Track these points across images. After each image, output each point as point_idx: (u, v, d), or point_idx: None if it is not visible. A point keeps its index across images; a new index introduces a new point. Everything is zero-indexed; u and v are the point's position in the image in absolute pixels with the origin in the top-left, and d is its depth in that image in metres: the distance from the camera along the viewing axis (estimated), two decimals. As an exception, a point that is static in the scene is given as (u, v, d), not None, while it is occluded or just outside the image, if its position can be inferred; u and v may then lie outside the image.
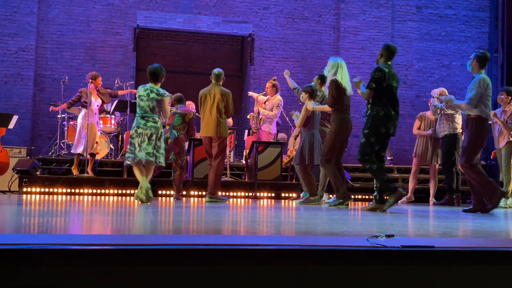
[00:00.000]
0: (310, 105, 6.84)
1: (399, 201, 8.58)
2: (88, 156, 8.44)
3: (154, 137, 6.06)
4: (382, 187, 5.74)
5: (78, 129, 8.54)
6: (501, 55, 12.32)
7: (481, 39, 12.96)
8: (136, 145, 6.05)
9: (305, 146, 6.98)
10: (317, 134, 7.09)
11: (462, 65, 12.82)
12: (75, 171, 8.51)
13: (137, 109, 6.20)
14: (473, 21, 12.96)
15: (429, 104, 8.43)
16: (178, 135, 7.33)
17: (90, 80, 8.46)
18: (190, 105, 9.53)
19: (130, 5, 11.59)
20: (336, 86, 6.39)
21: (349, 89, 6.49)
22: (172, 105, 7.59)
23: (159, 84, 6.26)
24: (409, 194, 8.40)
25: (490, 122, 7.89)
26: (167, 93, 6.24)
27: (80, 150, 8.42)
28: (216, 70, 7.26)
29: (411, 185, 8.42)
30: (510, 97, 7.70)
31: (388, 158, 10.20)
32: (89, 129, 8.32)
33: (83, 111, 8.48)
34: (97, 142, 8.52)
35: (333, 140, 6.45)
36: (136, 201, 6.26)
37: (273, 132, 9.03)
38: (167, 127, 7.47)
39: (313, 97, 7.00)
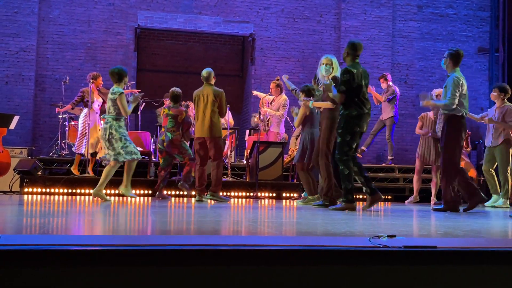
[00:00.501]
0: (308, 102, 6.77)
1: (406, 201, 8.61)
2: (89, 156, 8.44)
3: (109, 137, 6.41)
4: (344, 193, 5.75)
5: (79, 129, 8.54)
6: (502, 54, 12.30)
7: (482, 38, 12.95)
8: (107, 145, 6.46)
9: (305, 145, 6.96)
10: (316, 134, 7.07)
11: (463, 64, 12.75)
12: (75, 171, 8.51)
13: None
14: (474, 20, 12.95)
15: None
16: (172, 137, 7.32)
17: (91, 80, 8.47)
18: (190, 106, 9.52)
19: (131, 5, 11.59)
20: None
21: None
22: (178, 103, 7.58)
23: (122, 85, 6.55)
24: (414, 195, 8.42)
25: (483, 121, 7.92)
26: (121, 90, 6.47)
27: (82, 150, 8.43)
28: (204, 72, 7.22)
29: (416, 186, 8.43)
30: (503, 94, 7.69)
31: (389, 157, 10.19)
32: (91, 129, 8.33)
33: (85, 111, 8.49)
34: (99, 142, 8.52)
35: (330, 138, 6.42)
36: (137, 200, 6.26)
37: (281, 132, 9.01)
38: (163, 129, 7.47)
39: (312, 96, 6.98)
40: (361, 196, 9.05)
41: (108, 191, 8.21)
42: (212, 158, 7.14)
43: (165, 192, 7.77)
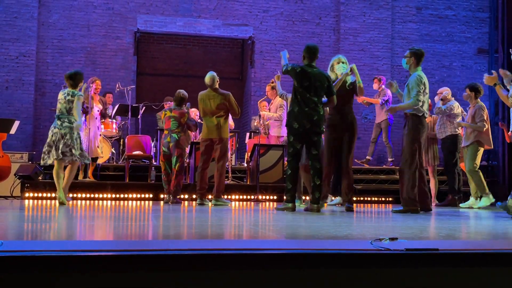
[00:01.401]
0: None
1: None
2: (90, 161, 8.46)
3: (68, 136, 6.38)
4: (285, 192, 5.86)
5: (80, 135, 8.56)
6: (501, 55, 12.30)
7: (481, 39, 12.96)
8: (52, 144, 6.38)
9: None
10: None
11: (463, 65, 12.83)
12: (79, 176, 8.52)
13: (56, 111, 6.58)
14: (473, 21, 12.96)
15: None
16: (179, 137, 7.33)
17: (90, 85, 8.50)
18: (194, 111, 9.54)
19: (130, 9, 11.60)
20: None
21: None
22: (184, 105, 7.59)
23: (78, 88, 6.64)
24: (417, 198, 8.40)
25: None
26: (80, 93, 6.58)
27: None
28: (207, 78, 7.20)
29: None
30: (473, 93, 7.68)
31: (389, 159, 10.19)
32: (91, 134, 8.35)
33: (84, 116, 8.50)
34: (98, 147, 8.54)
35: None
36: (138, 205, 6.26)
37: (283, 134, 8.98)
38: (166, 132, 7.45)
39: None
40: (355, 198, 9.05)
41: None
42: (216, 159, 7.14)
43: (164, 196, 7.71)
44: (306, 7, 12.30)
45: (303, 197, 7.77)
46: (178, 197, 7.42)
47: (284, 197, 5.87)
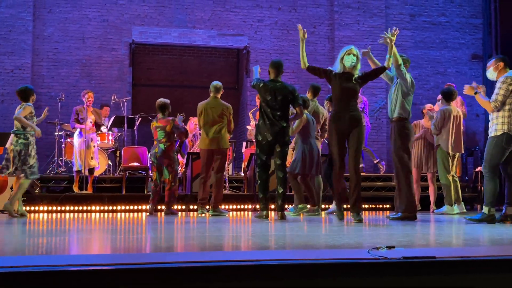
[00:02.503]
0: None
1: None
2: (87, 173, 8.47)
3: (23, 153, 6.65)
4: (259, 200, 6.21)
5: (75, 146, 8.58)
6: (495, 61, 12.38)
7: (475, 45, 13.04)
8: (11, 160, 6.67)
9: (304, 156, 6.97)
10: (314, 144, 7.10)
11: (457, 71, 12.89)
12: (76, 189, 8.52)
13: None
14: (466, 28, 13.05)
15: (424, 112, 8.45)
16: (165, 147, 7.28)
17: (85, 98, 8.60)
18: (191, 120, 9.56)
19: (125, 21, 11.64)
20: None
21: None
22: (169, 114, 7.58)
23: (30, 102, 6.91)
24: (416, 204, 8.38)
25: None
26: (25, 104, 6.83)
27: (79, 167, 8.45)
28: (216, 83, 7.28)
29: (416, 195, 8.44)
30: (445, 100, 7.60)
31: (375, 161, 10.17)
32: (86, 146, 8.38)
33: (78, 128, 8.56)
34: (92, 158, 8.54)
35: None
36: (140, 216, 6.25)
37: None
38: (155, 143, 7.43)
39: (305, 107, 7.00)
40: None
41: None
42: (216, 170, 7.15)
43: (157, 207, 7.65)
44: (300, 16, 12.36)
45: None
46: (172, 207, 7.39)
47: (257, 206, 6.04)
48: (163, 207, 7.55)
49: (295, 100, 6.19)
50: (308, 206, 7.01)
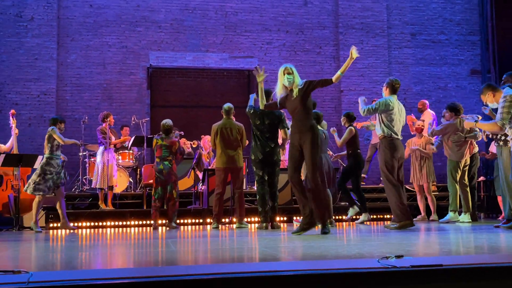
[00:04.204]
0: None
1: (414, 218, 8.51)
2: (107, 190, 8.54)
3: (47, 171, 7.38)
4: (259, 214, 6.67)
5: (99, 166, 8.65)
6: (493, 75, 12.36)
7: (473, 61, 13.01)
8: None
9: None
10: (326, 158, 7.11)
11: (458, 86, 12.86)
12: (102, 205, 8.58)
13: None
14: (465, 44, 13.04)
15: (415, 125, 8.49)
16: (171, 165, 7.40)
17: (105, 120, 8.67)
18: (205, 138, 9.62)
19: (143, 46, 11.79)
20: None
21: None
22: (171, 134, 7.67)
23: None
24: (422, 214, 8.34)
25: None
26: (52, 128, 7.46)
27: (101, 185, 8.52)
28: (226, 106, 7.35)
29: (420, 205, 8.41)
30: (453, 113, 7.61)
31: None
32: (107, 165, 8.45)
33: (101, 148, 8.62)
34: (114, 176, 8.63)
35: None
36: (162, 230, 6.27)
37: (286, 159, 8.98)
38: (157, 160, 7.47)
39: (319, 122, 6.99)
40: (378, 216, 9.00)
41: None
42: (237, 186, 7.29)
43: (160, 221, 7.62)
44: (307, 37, 12.43)
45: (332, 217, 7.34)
46: (174, 222, 7.40)
47: (258, 219, 6.30)
48: (164, 221, 7.69)
49: (281, 122, 6.66)
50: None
